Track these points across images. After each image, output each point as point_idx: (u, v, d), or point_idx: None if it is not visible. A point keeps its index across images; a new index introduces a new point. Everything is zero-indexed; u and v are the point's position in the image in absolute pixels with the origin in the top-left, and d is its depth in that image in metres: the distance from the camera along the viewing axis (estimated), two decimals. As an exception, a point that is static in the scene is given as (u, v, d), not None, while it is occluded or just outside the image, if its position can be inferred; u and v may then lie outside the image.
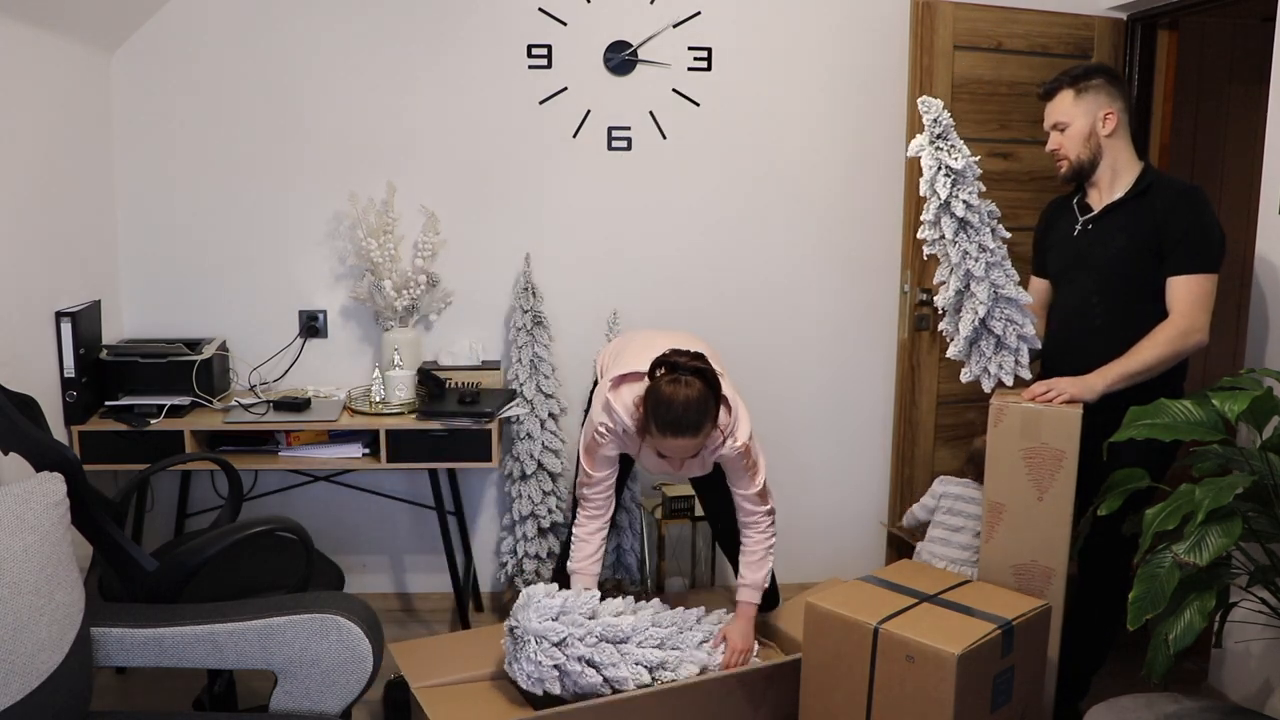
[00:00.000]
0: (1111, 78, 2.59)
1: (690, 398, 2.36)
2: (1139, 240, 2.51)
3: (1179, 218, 2.46)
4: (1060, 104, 2.60)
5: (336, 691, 1.90)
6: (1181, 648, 1.92)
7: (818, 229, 3.47)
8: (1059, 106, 2.60)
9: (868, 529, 3.64)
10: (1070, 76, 2.59)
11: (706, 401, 2.39)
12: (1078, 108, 2.57)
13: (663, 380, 2.40)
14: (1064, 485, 2.37)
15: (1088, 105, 2.56)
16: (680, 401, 2.36)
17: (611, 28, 3.29)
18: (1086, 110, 2.56)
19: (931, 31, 3.25)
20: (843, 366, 3.55)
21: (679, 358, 2.43)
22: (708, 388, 2.39)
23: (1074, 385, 2.43)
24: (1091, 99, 2.56)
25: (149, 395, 3.00)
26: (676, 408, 2.36)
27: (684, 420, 2.37)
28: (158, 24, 3.17)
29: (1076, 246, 2.63)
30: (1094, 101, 2.56)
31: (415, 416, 3.03)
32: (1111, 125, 2.55)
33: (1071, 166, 2.60)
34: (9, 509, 1.69)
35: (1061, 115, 2.60)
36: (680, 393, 2.36)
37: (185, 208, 3.27)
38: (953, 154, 2.42)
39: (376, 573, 3.53)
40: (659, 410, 2.38)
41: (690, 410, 2.36)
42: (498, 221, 3.36)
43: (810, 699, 2.44)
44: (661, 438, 2.41)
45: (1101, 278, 2.57)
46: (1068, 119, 2.58)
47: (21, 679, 1.64)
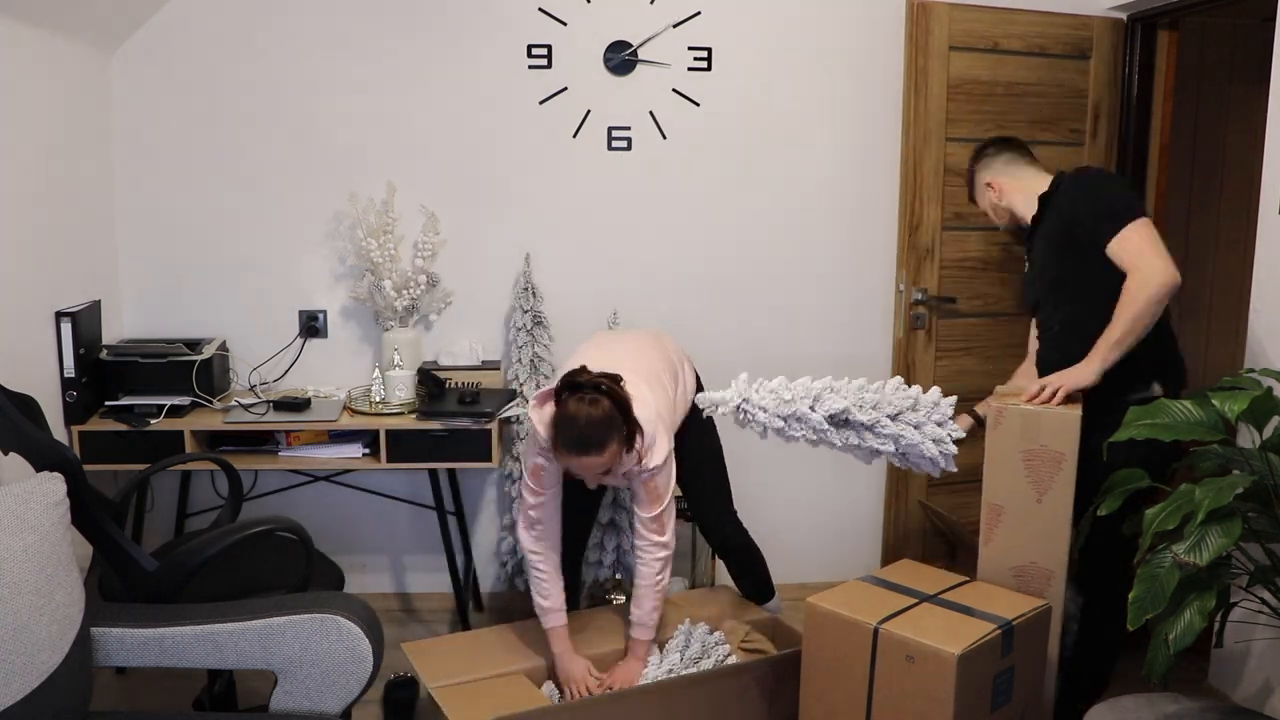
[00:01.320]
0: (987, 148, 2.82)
1: (593, 416, 2.31)
2: (1052, 241, 2.59)
3: (1080, 199, 2.53)
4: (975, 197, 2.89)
5: (336, 691, 1.90)
6: (1182, 648, 1.92)
7: (815, 228, 3.48)
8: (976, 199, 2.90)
9: (863, 529, 3.64)
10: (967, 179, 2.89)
11: (612, 420, 2.33)
12: (979, 194, 2.85)
13: (568, 400, 2.35)
14: (1063, 487, 2.37)
15: (978, 190, 2.84)
16: (583, 419, 2.30)
17: (611, 28, 3.29)
18: (980, 194, 2.84)
19: (926, 33, 3.26)
20: (839, 364, 3.54)
21: (583, 376, 2.38)
22: (614, 406, 2.34)
23: (1069, 376, 2.41)
24: (976, 184, 2.84)
25: (149, 395, 2.99)
26: (579, 425, 2.30)
27: (587, 438, 2.31)
28: (158, 24, 3.17)
29: (1029, 274, 2.77)
30: (978, 183, 2.83)
31: (415, 416, 3.03)
32: (997, 191, 2.77)
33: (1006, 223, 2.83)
34: (9, 509, 1.69)
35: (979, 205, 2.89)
36: (583, 411, 2.31)
37: (185, 208, 3.27)
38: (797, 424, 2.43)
39: (376, 573, 3.53)
40: (563, 428, 2.33)
41: (592, 428, 2.31)
42: (498, 221, 3.36)
43: (810, 699, 2.44)
44: (567, 456, 2.36)
45: (1045, 287, 2.65)
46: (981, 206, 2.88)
47: (21, 679, 1.64)
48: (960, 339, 3.47)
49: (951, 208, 3.39)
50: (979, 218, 3.43)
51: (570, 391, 2.37)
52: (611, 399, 2.35)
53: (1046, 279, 2.63)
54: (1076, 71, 3.40)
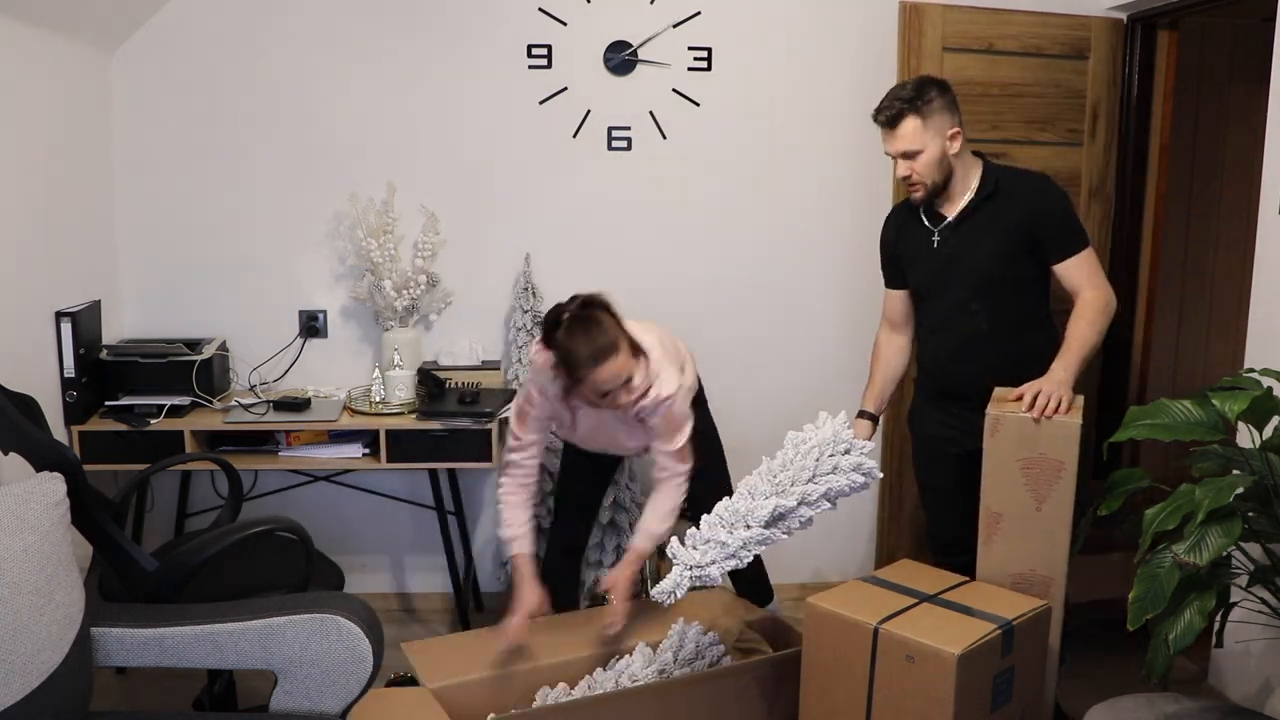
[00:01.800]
0: (942, 89, 2.54)
1: (589, 326, 2.35)
2: (1005, 238, 2.53)
3: (1045, 207, 2.52)
4: (906, 131, 2.52)
5: (336, 691, 1.90)
6: (1181, 648, 1.92)
7: (814, 228, 3.48)
8: (905, 133, 2.52)
9: (861, 529, 3.64)
10: (908, 100, 2.51)
11: (607, 326, 2.37)
12: (927, 133, 2.50)
13: (560, 330, 2.37)
14: (1063, 495, 2.36)
15: (935, 128, 2.50)
16: (580, 334, 2.34)
17: (611, 28, 3.29)
18: (935, 133, 2.50)
19: (919, 34, 3.26)
20: (836, 365, 3.55)
21: (560, 308, 2.41)
22: (605, 313, 2.39)
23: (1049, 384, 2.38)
24: (937, 120, 2.50)
25: (149, 395, 2.99)
26: (584, 338, 2.33)
27: (597, 345, 2.33)
28: (158, 24, 3.17)
29: (939, 257, 2.61)
30: (940, 122, 2.51)
31: (415, 416, 3.03)
32: (959, 142, 2.53)
33: (927, 190, 2.56)
34: (9, 509, 1.69)
35: (912, 143, 2.52)
36: (577, 328, 2.35)
37: (185, 208, 3.27)
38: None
39: (376, 573, 3.53)
40: (573, 351, 2.34)
41: (595, 334, 2.34)
42: (498, 221, 3.36)
43: (810, 699, 2.44)
44: (590, 372, 2.34)
45: (977, 283, 2.56)
46: (919, 145, 2.51)
47: (21, 679, 1.64)
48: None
49: (951, 208, 3.39)
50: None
51: (560, 314, 2.39)
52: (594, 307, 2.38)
53: (982, 272, 2.54)
54: (1075, 72, 3.39)
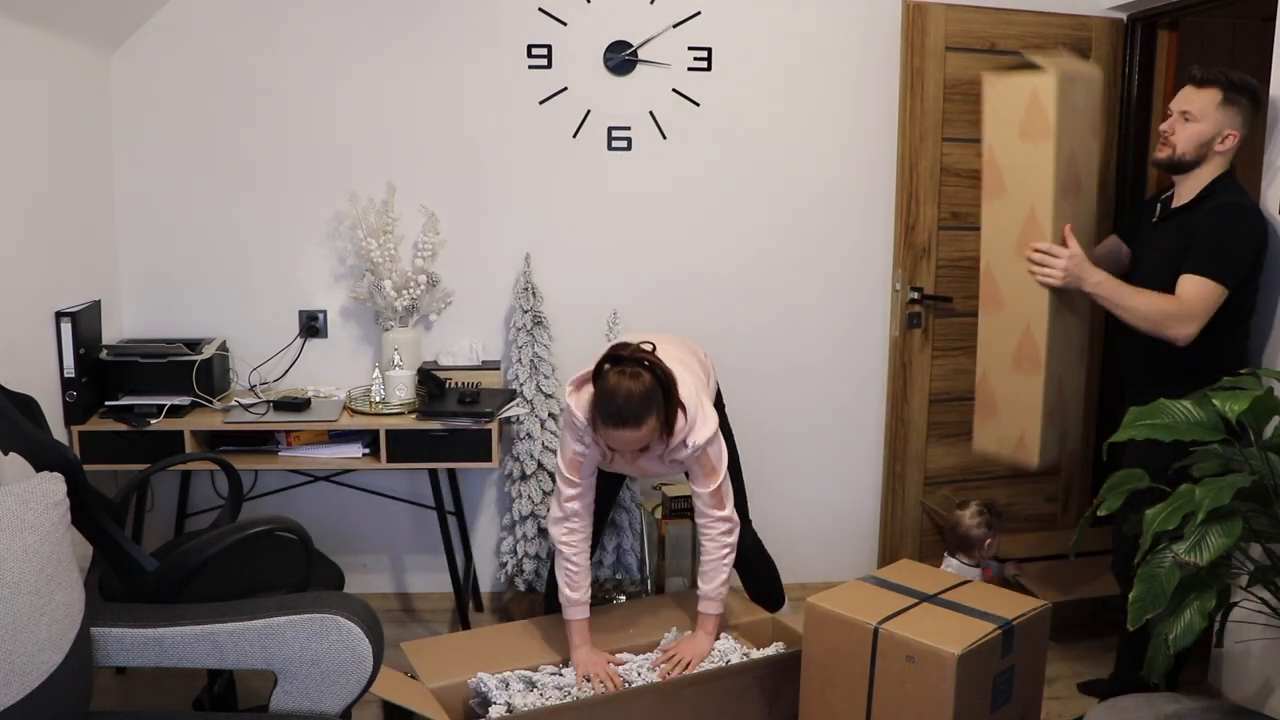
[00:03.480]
0: (1256, 102, 2.56)
1: (633, 390, 2.31)
2: (1175, 250, 2.55)
3: (1206, 227, 2.51)
4: (1203, 98, 2.54)
5: (336, 691, 1.90)
6: (1182, 648, 1.92)
7: (813, 228, 3.48)
8: (1200, 100, 2.54)
9: (862, 529, 3.64)
10: (1228, 80, 2.53)
11: (652, 394, 2.34)
12: (1217, 112, 2.53)
13: (609, 373, 2.35)
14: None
15: (1225, 116, 2.53)
16: (623, 393, 2.31)
17: (611, 28, 3.29)
18: (1221, 120, 2.53)
19: (922, 33, 3.26)
20: (835, 364, 3.56)
21: (624, 350, 2.38)
22: (655, 381, 2.35)
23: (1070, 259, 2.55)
24: (1231, 112, 2.53)
25: (149, 395, 2.99)
26: (619, 399, 2.31)
27: (626, 412, 2.31)
28: (158, 24, 3.17)
29: (1146, 239, 2.74)
30: (1231, 116, 2.53)
31: (415, 416, 3.03)
32: (1229, 145, 2.55)
33: (1172, 157, 2.58)
34: (9, 509, 1.69)
35: (1196, 109, 2.54)
36: (624, 384, 2.31)
37: (185, 208, 3.27)
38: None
39: (376, 573, 3.53)
40: (602, 402, 2.33)
41: (632, 401, 2.31)
42: (498, 221, 3.36)
43: (810, 699, 2.44)
44: (607, 430, 2.35)
45: (1146, 278, 2.61)
46: (1200, 115, 2.54)
47: (21, 679, 1.64)
48: (956, 338, 3.47)
49: (948, 207, 3.39)
50: (975, 217, 3.43)
51: (613, 364, 2.37)
52: (654, 374, 2.35)
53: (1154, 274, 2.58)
54: (1076, 72, 3.40)
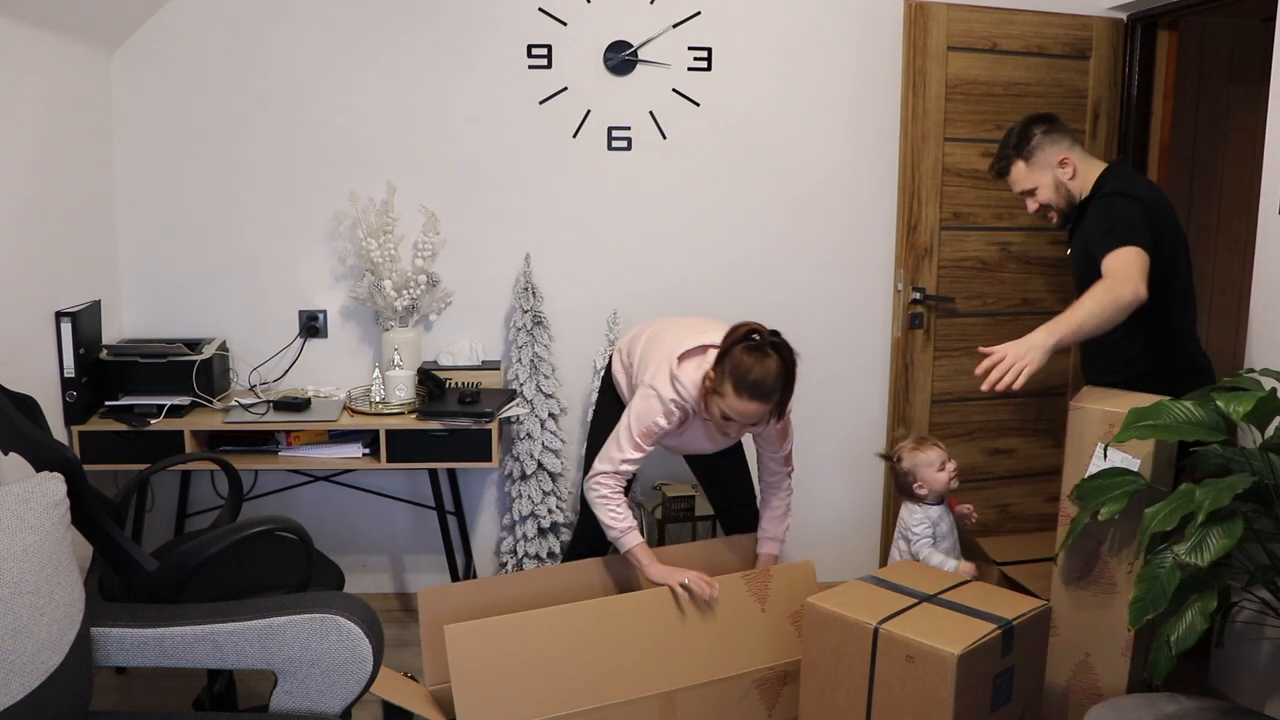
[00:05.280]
0: (1043, 123, 2.71)
1: (772, 368, 2.45)
2: (1079, 250, 2.66)
3: (1095, 219, 2.60)
4: (1017, 175, 2.74)
5: (336, 691, 1.90)
6: (1183, 648, 1.92)
7: (813, 228, 3.48)
8: (1018, 178, 2.74)
9: (863, 529, 3.64)
10: (1013, 148, 2.72)
11: (785, 374, 2.48)
12: (1034, 172, 2.71)
13: (745, 348, 2.46)
14: None
15: (1042, 164, 2.69)
16: (762, 368, 2.44)
17: (611, 28, 3.29)
18: (1043, 170, 2.70)
19: (924, 33, 3.26)
20: (837, 365, 3.56)
21: (764, 330, 2.50)
22: (784, 363, 2.48)
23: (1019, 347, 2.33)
24: (1041, 157, 2.69)
25: (149, 395, 2.99)
26: (759, 372, 2.43)
27: (765, 385, 2.44)
28: (158, 24, 3.17)
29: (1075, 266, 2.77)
30: (1045, 157, 2.69)
31: (415, 416, 3.03)
32: (1071, 168, 2.68)
33: (1061, 213, 2.74)
34: (9, 509, 1.69)
35: (1025, 184, 2.73)
36: (765, 361, 2.44)
37: (185, 208, 3.27)
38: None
39: (376, 573, 3.53)
40: (741, 374, 2.44)
41: (771, 377, 2.44)
42: (498, 221, 3.36)
43: (810, 699, 2.44)
44: (738, 399, 2.45)
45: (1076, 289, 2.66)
46: (1032, 184, 2.72)
47: (21, 679, 1.64)
48: (958, 339, 3.47)
49: (950, 208, 3.39)
50: (976, 218, 3.44)
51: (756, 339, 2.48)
52: (782, 354, 2.48)
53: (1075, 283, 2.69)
54: (1076, 71, 3.40)
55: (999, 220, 3.45)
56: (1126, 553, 2.42)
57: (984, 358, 2.36)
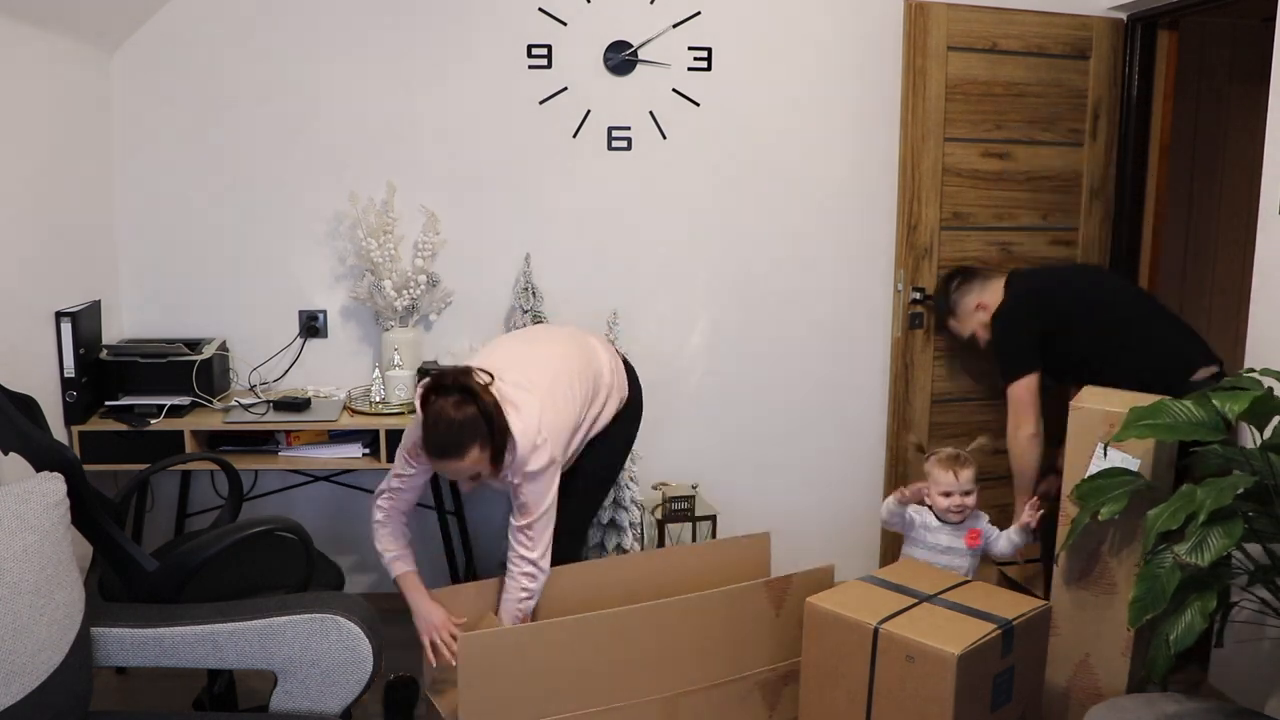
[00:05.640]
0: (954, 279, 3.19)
1: (453, 419, 2.25)
2: None
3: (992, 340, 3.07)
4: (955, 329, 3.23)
5: (336, 691, 1.90)
6: (1182, 648, 1.92)
7: (813, 228, 3.48)
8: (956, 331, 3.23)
9: (862, 528, 3.64)
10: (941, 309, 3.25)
11: (473, 424, 2.26)
12: (963, 322, 3.17)
13: (435, 400, 2.28)
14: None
15: (964, 313, 3.15)
16: (443, 423, 2.25)
17: (611, 28, 3.29)
18: (967, 317, 3.14)
19: (924, 33, 3.26)
20: (837, 364, 3.56)
21: (448, 378, 2.30)
22: (479, 411, 2.26)
23: None
24: (963, 308, 3.15)
25: (149, 395, 2.99)
26: (439, 428, 2.26)
27: (444, 442, 2.26)
28: (158, 24, 3.17)
29: None
30: (965, 307, 3.14)
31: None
32: (986, 311, 3.07)
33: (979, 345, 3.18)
34: (9, 509, 1.69)
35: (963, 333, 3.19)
36: (446, 413, 2.25)
37: (185, 208, 3.27)
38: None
39: (377, 573, 3.53)
40: (424, 429, 2.29)
41: (451, 431, 2.25)
42: (498, 221, 3.36)
43: (810, 699, 2.44)
44: (427, 458, 2.34)
45: None
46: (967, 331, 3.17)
47: (21, 679, 1.64)
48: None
49: (950, 207, 3.39)
50: (976, 218, 3.45)
51: (436, 393, 2.29)
52: (477, 403, 2.26)
53: None
54: (1076, 71, 3.40)
55: (999, 220, 3.45)
56: (1126, 553, 2.42)
57: None
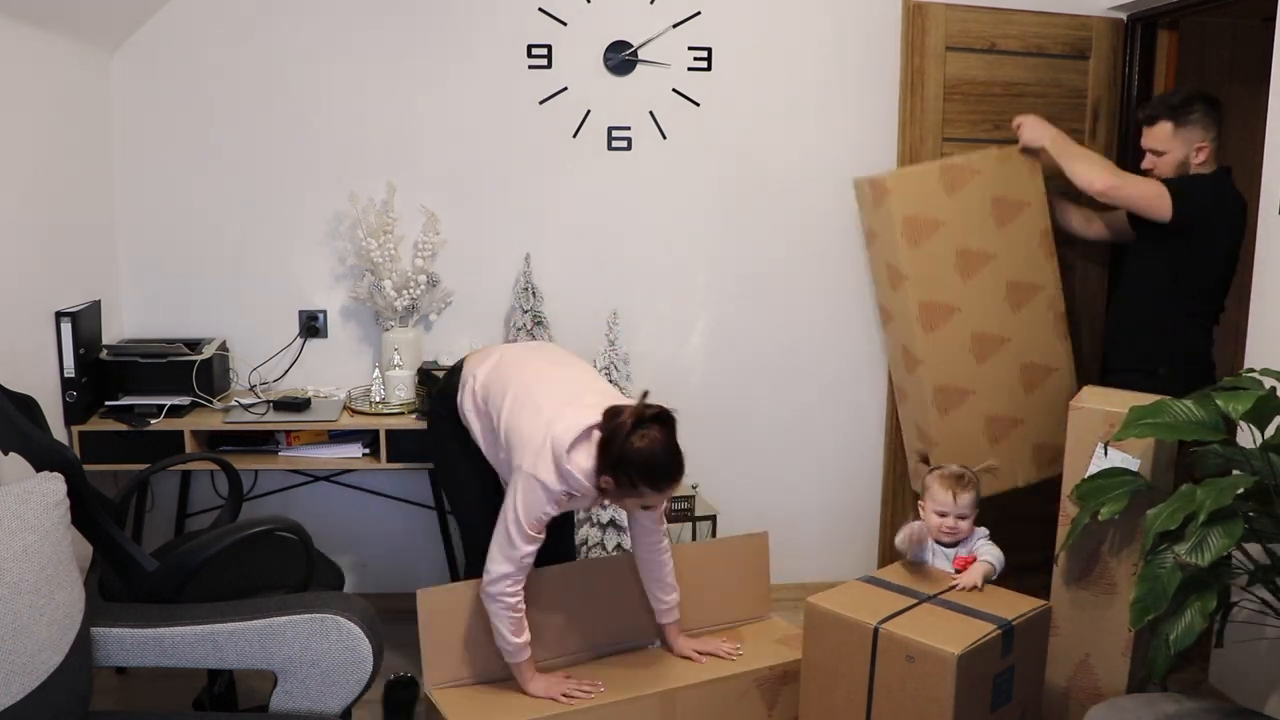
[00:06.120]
0: (1209, 105, 2.80)
1: (669, 442, 2.27)
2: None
3: None
4: (1159, 133, 2.82)
5: (336, 691, 1.90)
6: (1182, 648, 1.92)
7: (814, 228, 3.47)
8: (1157, 135, 2.83)
9: (863, 529, 3.64)
10: (1170, 107, 2.81)
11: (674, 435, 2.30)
12: (1176, 139, 2.80)
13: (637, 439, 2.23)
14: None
15: (1185, 137, 2.79)
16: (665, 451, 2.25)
17: (611, 28, 3.29)
18: (1184, 142, 2.79)
19: (922, 33, 3.26)
20: (837, 364, 3.55)
21: (646, 410, 2.27)
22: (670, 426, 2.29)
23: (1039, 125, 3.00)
24: (1189, 132, 2.79)
25: (149, 395, 2.99)
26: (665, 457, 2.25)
27: (676, 464, 2.28)
28: (158, 24, 3.17)
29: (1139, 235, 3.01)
30: (1191, 134, 2.79)
31: (415, 416, 3.03)
32: (1204, 157, 2.79)
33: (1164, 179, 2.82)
34: (9, 509, 1.69)
35: (1159, 144, 2.82)
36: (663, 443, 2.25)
37: (185, 208, 3.27)
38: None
39: (376, 573, 3.53)
40: (651, 469, 2.24)
41: (674, 452, 2.28)
42: (498, 221, 3.36)
43: (810, 699, 2.44)
44: (659, 492, 2.29)
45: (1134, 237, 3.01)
46: (1165, 148, 2.81)
47: (21, 679, 1.64)
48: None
49: (951, 208, 3.39)
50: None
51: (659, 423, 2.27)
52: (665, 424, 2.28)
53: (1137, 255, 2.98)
54: (1076, 71, 3.40)
55: (999, 220, 3.44)
56: (1126, 553, 2.42)
57: None
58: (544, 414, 2.34)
